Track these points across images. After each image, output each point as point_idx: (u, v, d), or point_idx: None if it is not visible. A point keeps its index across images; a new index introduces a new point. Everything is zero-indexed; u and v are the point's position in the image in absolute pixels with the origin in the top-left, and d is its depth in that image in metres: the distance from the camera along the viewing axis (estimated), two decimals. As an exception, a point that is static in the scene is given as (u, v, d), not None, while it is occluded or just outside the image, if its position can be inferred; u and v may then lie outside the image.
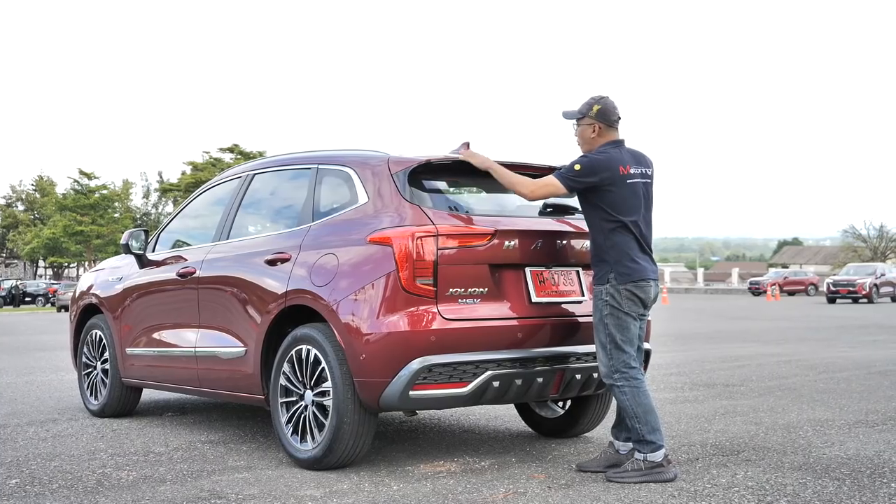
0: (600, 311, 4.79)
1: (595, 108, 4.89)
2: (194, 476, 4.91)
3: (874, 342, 14.52)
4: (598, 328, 4.81)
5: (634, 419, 4.71)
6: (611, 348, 4.76)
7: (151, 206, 76.35)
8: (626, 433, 4.88)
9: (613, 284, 4.76)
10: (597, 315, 4.82)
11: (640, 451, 4.71)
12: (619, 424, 4.93)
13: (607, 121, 4.90)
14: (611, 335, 4.76)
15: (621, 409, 4.81)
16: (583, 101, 4.97)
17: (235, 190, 6.27)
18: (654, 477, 4.63)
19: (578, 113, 4.95)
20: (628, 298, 4.75)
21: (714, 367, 10.39)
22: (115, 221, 66.67)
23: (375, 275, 4.78)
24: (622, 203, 4.78)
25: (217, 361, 5.77)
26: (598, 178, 4.75)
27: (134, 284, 6.81)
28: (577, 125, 4.98)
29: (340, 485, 4.65)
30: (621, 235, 4.78)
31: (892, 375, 9.37)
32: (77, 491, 4.62)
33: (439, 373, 4.69)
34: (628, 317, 4.76)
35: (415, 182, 5.05)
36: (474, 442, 5.86)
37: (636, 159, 4.90)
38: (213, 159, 62.30)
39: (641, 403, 4.71)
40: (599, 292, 4.80)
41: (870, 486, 4.50)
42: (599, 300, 4.80)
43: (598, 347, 4.82)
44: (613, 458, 4.89)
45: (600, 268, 4.82)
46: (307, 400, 5.02)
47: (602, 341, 4.79)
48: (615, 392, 4.77)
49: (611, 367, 4.77)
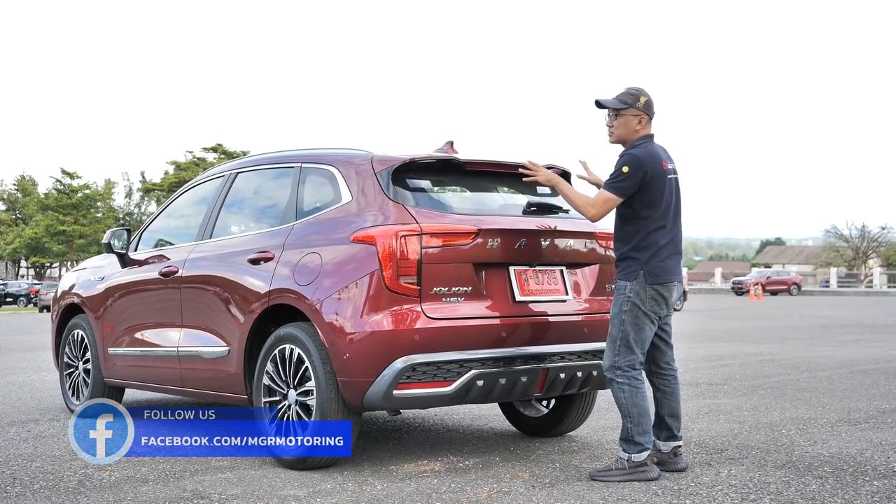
0: (619, 306, 4.74)
1: (642, 99, 4.81)
2: (177, 476, 4.89)
3: (856, 341, 14.61)
4: (613, 322, 4.76)
5: (627, 418, 4.70)
6: (620, 344, 4.73)
7: (134, 206, 75.89)
8: (667, 431, 4.88)
9: (641, 283, 4.71)
10: (615, 308, 4.77)
11: (626, 450, 4.70)
12: (659, 424, 4.92)
13: (651, 113, 4.86)
14: (624, 332, 4.72)
15: (619, 406, 4.75)
16: (624, 92, 4.84)
17: (218, 189, 6.24)
18: (638, 476, 4.63)
19: (623, 103, 4.82)
20: (653, 298, 4.72)
21: (697, 367, 10.42)
22: (97, 221, 66.36)
23: (359, 274, 4.77)
24: (660, 200, 4.73)
25: (200, 361, 5.75)
26: (646, 173, 4.68)
27: (116, 284, 6.77)
28: (616, 115, 4.84)
29: (324, 484, 4.63)
30: (656, 234, 4.73)
31: (874, 374, 9.43)
32: (59, 491, 4.59)
33: (423, 372, 4.68)
34: (647, 318, 4.73)
35: (399, 181, 5.04)
36: (458, 441, 5.85)
37: (668, 156, 4.88)
38: (196, 159, 62.07)
39: (637, 405, 4.70)
40: (623, 287, 4.75)
41: (852, 484, 4.52)
42: (622, 295, 4.75)
43: (609, 340, 4.78)
44: (658, 457, 4.88)
45: (629, 264, 4.76)
46: (291, 399, 5.00)
47: (613, 335, 4.75)
48: (613, 387, 4.75)
49: (614, 363, 4.74)
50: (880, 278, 62.61)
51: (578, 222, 5.41)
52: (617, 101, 4.84)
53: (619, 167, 4.71)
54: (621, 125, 4.84)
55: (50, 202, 65.71)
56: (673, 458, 4.86)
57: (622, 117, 4.83)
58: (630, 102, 4.81)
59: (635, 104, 4.81)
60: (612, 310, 4.80)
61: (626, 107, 4.81)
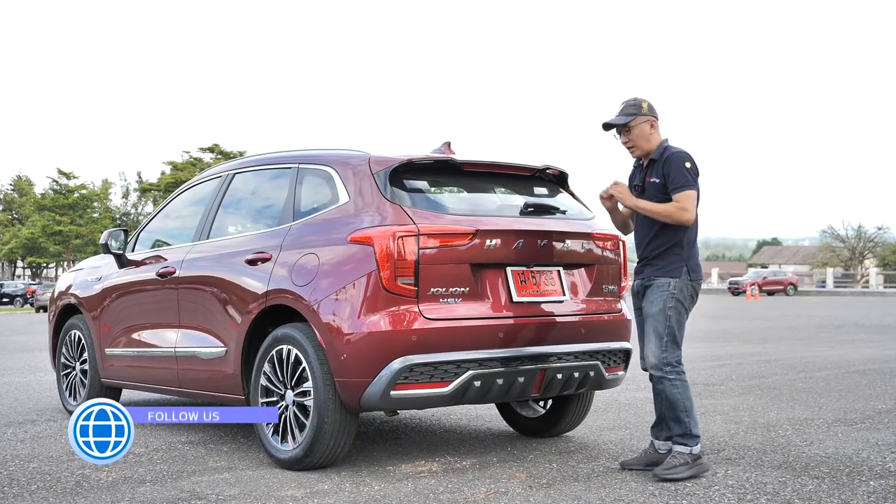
0: (664, 302, 4.77)
1: (644, 104, 4.87)
2: (174, 477, 4.89)
3: (852, 342, 14.63)
4: (658, 318, 4.77)
5: (684, 413, 4.73)
6: (667, 340, 4.76)
7: (131, 206, 75.83)
8: (667, 433, 4.88)
9: (685, 280, 4.78)
10: (658, 305, 4.78)
11: (685, 444, 4.72)
12: (659, 424, 4.92)
13: (656, 115, 4.91)
14: (671, 328, 4.76)
15: (666, 403, 4.77)
16: (624, 106, 4.88)
17: (215, 189, 6.24)
18: (698, 469, 4.69)
19: (629, 116, 4.85)
20: (691, 296, 4.82)
21: (694, 367, 10.43)
22: (94, 221, 66.26)
23: (356, 274, 4.77)
24: (699, 197, 4.85)
25: (197, 362, 5.74)
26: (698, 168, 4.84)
27: (113, 284, 6.77)
28: (629, 130, 4.86)
29: (321, 485, 4.63)
30: (693, 231, 4.84)
31: (870, 374, 9.45)
32: (56, 492, 4.59)
33: (420, 372, 4.68)
34: (686, 314, 4.82)
35: (396, 181, 5.04)
36: (456, 442, 5.86)
37: None
38: (193, 159, 62.01)
39: (689, 397, 4.78)
40: (667, 284, 4.78)
41: (849, 485, 4.53)
42: (665, 291, 4.78)
43: (653, 337, 4.79)
44: (653, 457, 4.90)
45: (673, 261, 4.80)
46: (288, 400, 5.01)
47: (659, 332, 4.77)
48: (664, 384, 4.76)
49: (663, 360, 4.76)
50: (876, 278, 62.75)
51: (575, 223, 5.42)
52: (624, 117, 4.87)
53: (679, 166, 4.77)
54: (638, 136, 4.87)
55: (46, 202, 65.64)
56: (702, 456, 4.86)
57: (635, 129, 4.86)
58: (636, 112, 4.86)
59: (640, 111, 4.85)
60: (653, 306, 4.80)
61: (634, 117, 4.85)
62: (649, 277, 4.86)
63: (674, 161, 4.78)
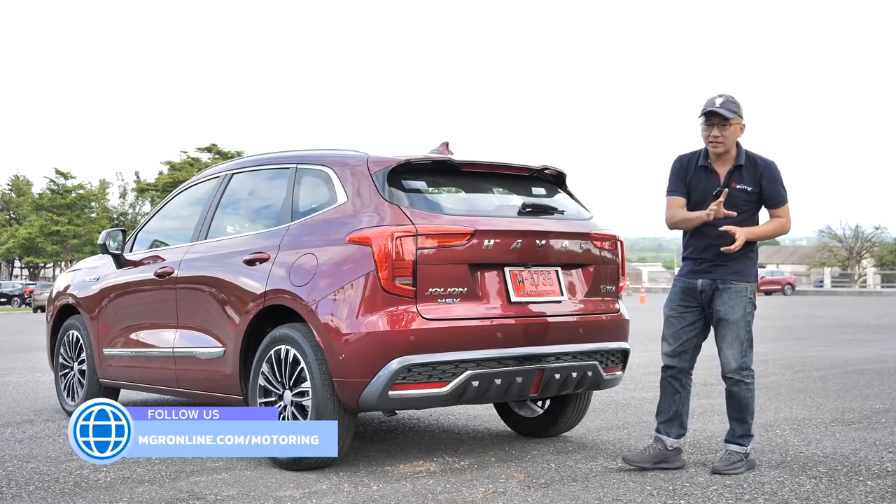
0: (744, 308, 4.85)
1: (741, 108, 4.84)
2: (172, 477, 4.89)
3: (850, 341, 14.64)
4: (740, 324, 4.85)
5: (750, 415, 4.89)
6: (747, 346, 4.88)
7: (128, 206, 75.72)
8: (679, 430, 4.95)
9: (754, 284, 4.89)
10: (739, 311, 4.85)
11: (745, 444, 4.87)
12: (672, 420, 4.96)
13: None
14: (749, 332, 4.88)
15: (736, 405, 4.90)
16: (725, 101, 4.79)
17: (213, 190, 6.24)
18: (751, 465, 4.87)
19: (734, 112, 4.78)
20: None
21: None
22: (91, 221, 66.15)
23: (355, 275, 4.77)
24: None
25: (195, 362, 5.75)
26: None
27: (111, 284, 6.77)
28: (728, 124, 4.78)
29: (320, 485, 4.64)
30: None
31: (868, 374, 9.46)
32: (54, 492, 4.59)
33: (419, 373, 4.69)
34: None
35: (394, 182, 5.04)
36: (454, 442, 5.86)
37: None
38: (190, 159, 61.92)
39: (755, 400, 4.92)
40: (745, 289, 4.85)
41: (846, 484, 4.54)
42: (744, 297, 4.85)
43: (735, 343, 4.87)
44: (662, 453, 4.91)
45: (749, 265, 4.88)
46: (286, 400, 5.01)
47: (741, 337, 4.86)
48: (740, 387, 4.87)
49: (742, 364, 4.88)
50: (874, 278, 62.76)
51: (573, 223, 5.43)
52: (728, 112, 4.78)
53: (779, 179, 4.87)
54: (731, 135, 4.82)
55: (44, 202, 65.52)
56: (675, 456, 4.91)
57: (732, 126, 4.81)
58: (736, 111, 4.81)
59: (739, 112, 4.82)
60: (734, 313, 4.84)
61: (736, 115, 4.80)
62: (724, 280, 4.86)
63: (773, 173, 4.85)
